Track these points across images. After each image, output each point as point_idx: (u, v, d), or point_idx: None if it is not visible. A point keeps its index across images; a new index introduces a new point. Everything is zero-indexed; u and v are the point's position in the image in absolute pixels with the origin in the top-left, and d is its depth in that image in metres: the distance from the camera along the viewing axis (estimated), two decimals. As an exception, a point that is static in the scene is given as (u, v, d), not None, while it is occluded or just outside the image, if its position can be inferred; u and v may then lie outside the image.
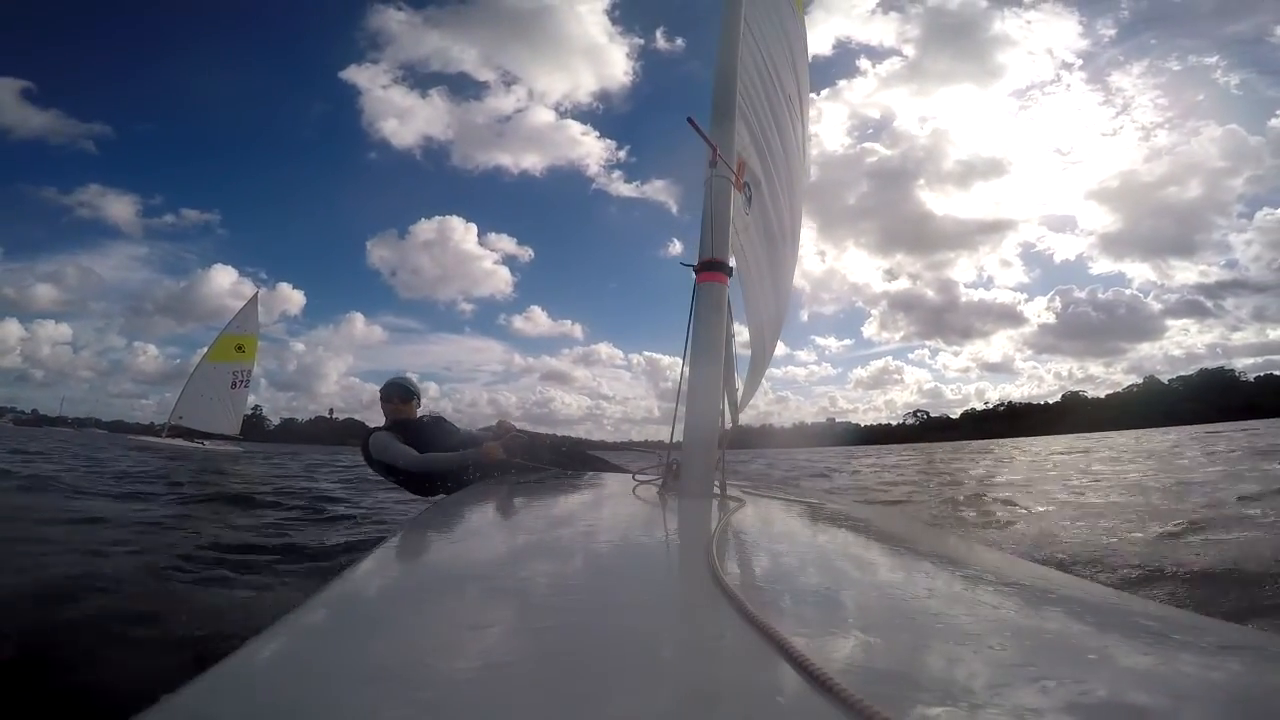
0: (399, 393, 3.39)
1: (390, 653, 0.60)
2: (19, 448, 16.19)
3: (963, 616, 0.78)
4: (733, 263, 2.07)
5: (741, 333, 2.28)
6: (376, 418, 3.49)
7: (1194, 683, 0.61)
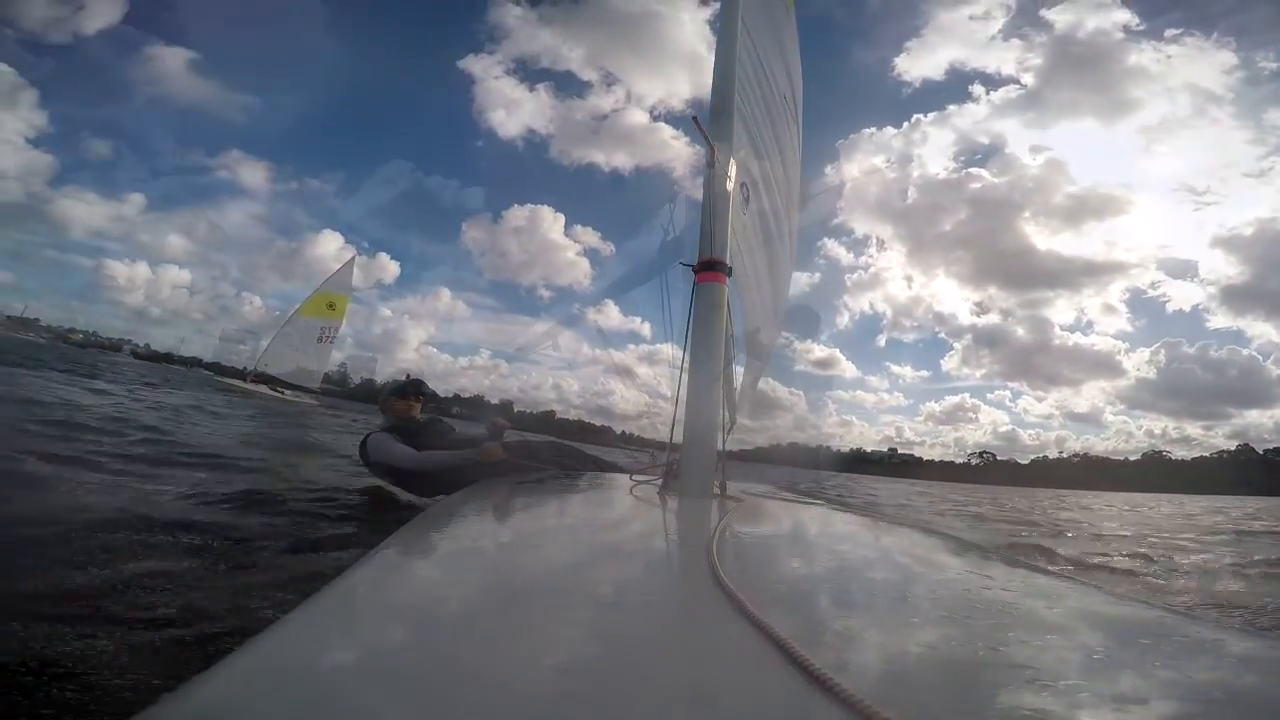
0: (415, 390, 3.34)
1: (391, 653, 0.60)
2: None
3: (964, 617, 0.79)
4: (730, 262, 2.06)
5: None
6: (447, 386, 4.18)
7: (1199, 685, 0.62)
